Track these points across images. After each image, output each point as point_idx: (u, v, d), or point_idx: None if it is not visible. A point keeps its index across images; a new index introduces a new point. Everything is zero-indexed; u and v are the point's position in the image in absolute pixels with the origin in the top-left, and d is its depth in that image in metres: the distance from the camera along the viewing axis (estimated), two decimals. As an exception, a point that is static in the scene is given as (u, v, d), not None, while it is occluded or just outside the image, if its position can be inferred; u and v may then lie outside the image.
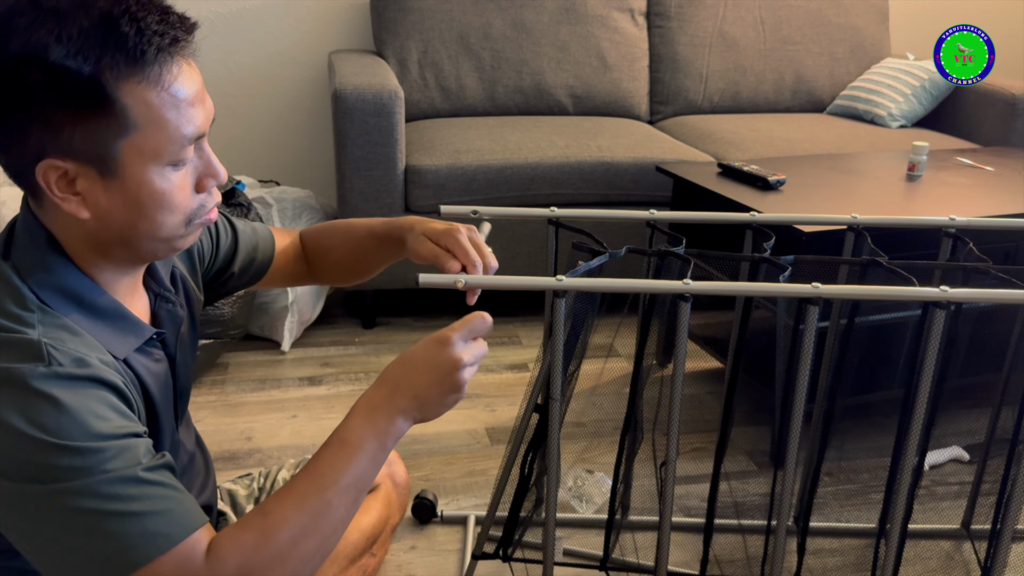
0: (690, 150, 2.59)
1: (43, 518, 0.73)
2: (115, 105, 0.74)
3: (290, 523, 0.80)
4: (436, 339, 0.89)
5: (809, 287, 1.11)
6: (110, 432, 0.75)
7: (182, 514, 0.77)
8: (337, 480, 0.82)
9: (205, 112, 0.81)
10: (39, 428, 0.72)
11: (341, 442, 0.85)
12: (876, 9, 3.21)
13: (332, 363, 2.32)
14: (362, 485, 0.85)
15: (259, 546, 0.78)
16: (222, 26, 2.80)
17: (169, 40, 0.76)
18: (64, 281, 0.81)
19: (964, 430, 1.97)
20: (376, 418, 0.86)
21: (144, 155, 0.77)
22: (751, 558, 1.61)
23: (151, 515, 0.74)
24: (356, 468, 0.84)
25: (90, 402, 0.75)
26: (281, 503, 0.81)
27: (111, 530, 0.73)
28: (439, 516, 1.69)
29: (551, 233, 1.35)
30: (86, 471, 0.72)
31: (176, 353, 0.96)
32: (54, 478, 0.72)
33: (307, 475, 0.83)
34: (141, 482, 0.75)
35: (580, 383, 1.36)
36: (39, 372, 0.73)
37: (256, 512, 0.81)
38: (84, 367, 0.76)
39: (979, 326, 1.58)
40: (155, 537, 0.74)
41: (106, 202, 0.78)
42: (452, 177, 2.37)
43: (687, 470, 1.88)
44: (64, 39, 0.71)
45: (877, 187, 2.14)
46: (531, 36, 2.86)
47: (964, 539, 1.68)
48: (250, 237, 1.15)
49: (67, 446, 0.72)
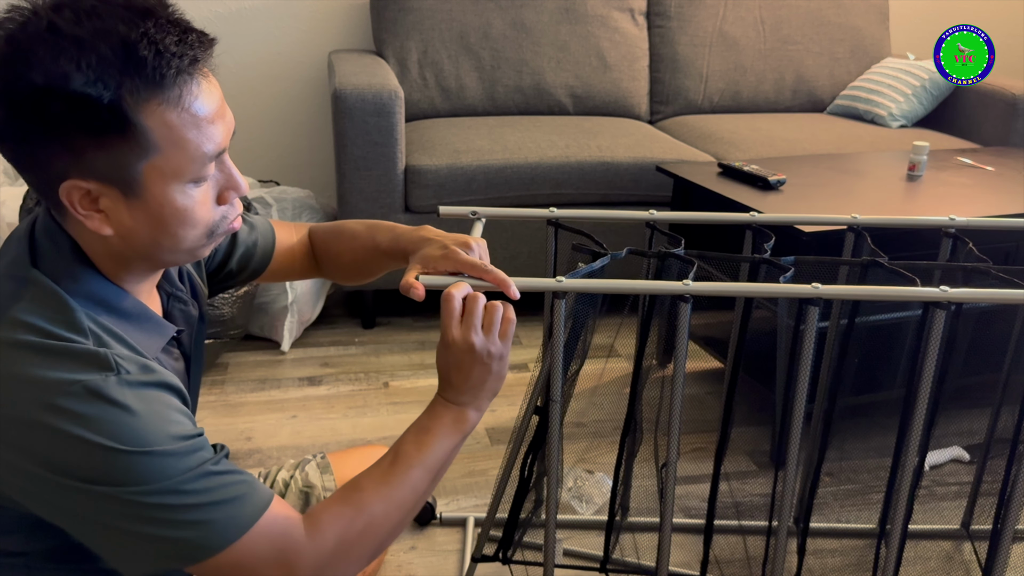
0: (690, 150, 2.59)
1: (122, 513, 0.76)
2: (136, 128, 0.74)
3: (382, 497, 0.89)
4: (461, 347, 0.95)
5: (809, 288, 1.11)
6: (182, 434, 0.78)
7: (256, 492, 0.82)
8: (422, 460, 0.92)
9: (225, 126, 0.81)
10: (113, 438, 0.74)
11: (424, 429, 0.95)
12: (876, 9, 3.21)
13: (332, 363, 2.32)
14: (440, 467, 0.95)
15: (356, 519, 0.87)
16: (222, 26, 2.79)
17: (188, 61, 0.76)
18: (91, 288, 0.82)
19: (964, 430, 1.96)
20: (449, 410, 0.96)
21: (166, 175, 0.77)
22: (751, 559, 1.61)
23: (230, 501, 0.79)
24: (437, 451, 0.94)
25: (160, 407, 0.78)
26: (372, 479, 0.90)
27: (195, 519, 0.77)
28: (438, 518, 1.69)
29: (550, 234, 1.35)
30: (162, 473, 0.76)
31: (191, 352, 0.97)
32: (132, 481, 0.75)
33: (393, 456, 0.92)
34: (214, 475, 0.79)
35: (581, 383, 1.36)
36: (111, 382, 0.75)
37: (350, 488, 0.90)
38: (151, 373, 0.79)
39: (979, 326, 1.58)
40: (239, 518, 0.80)
41: (129, 220, 0.79)
42: (452, 177, 2.37)
43: (687, 470, 1.87)
44: (84, 67, 0.71)
45: (877, 187, 2.14)
46: (531, 36, 2.86)
47: (964, 539, 1.68)
48: (249, 234, 1.15)
49: (141, 451, 0.75)
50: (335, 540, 0.85)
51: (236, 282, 1.16)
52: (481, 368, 0.95)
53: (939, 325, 1.14)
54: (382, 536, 0.89)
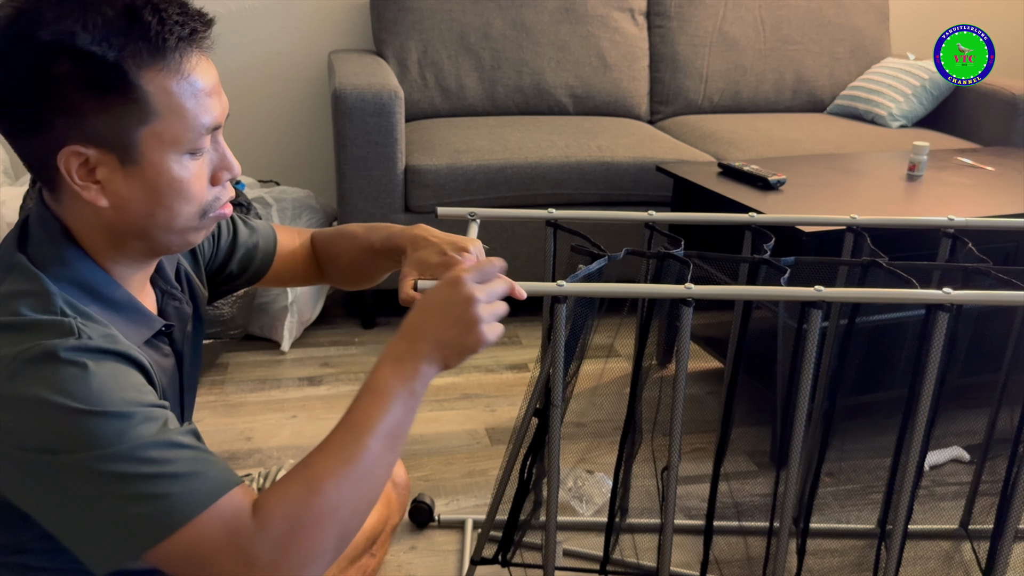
0: (690, 150, 2.59)
1: (78, 487, 0.73)
2: (137, 92, 0.77)
3: (334, 472, 0.80)
4: (448, 280, 0.89)
5: (812, 290, 1.11)
6: (140, 400, 0.76)
7: (219, 473, 0.77)
8: (373, 427, 0.83)
9: (221, 105, 0.84)
10: (69, 396, 0.73)
11: (372, 392, 0.85)
12: (876, 9, 3.20)
13: (332, 363, 2.32)
14: (398, 432, 0.85)
15: (306, 498, 0.78)
16: (222, 26, 2.77)
17: (189, 31, 0.79)
18: (79, 273, 0.82)
19: (964, 430, 1.96)
20: (402, 366, 0.86)
21: (164, 142, 0.79)
22: (751, 559, 1.61)
23: (189, 475, 0.75)
24: (391, 415, 0.84)
25: (118, 373, 0.77)
26: (322, 454, 0.81)
27: (151, 492, 0.73)
28: (436, 520, 1.69)
29: (549, 235, 1.35)
30: (119, 436, 0.73)
31: (183, 349, 0.97)
32: (91, 445, 0.72)
33: (343, 426, 0.83)
34: (175, 445, 0.75)
35: (581, 383, 1.36)
36: (70, 344, 0.75)
37: (299, 466, 0.81)
38: (113, 343, 0.78)
39: (979, 326, 1.58)
40: (196, 495, 0.74)
41: (126, 190, 0.80)
42: (452, 177, 2.37)
43: (687, 471, 1.87)
44: (90, 27, 0.74)
45: (877, 187, 2.14)
46: (531, 36, 2.86)
47: (963, 539, 1.68)
48: (249, 236, 1.15)
49: (100, 411, 0.73)
50: (287, 523, 0.76)
51: (236, 285, 1.16)
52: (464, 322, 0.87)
53: (941, 327, 1.14)
54: (343, 517, 0.79)
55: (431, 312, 0.88)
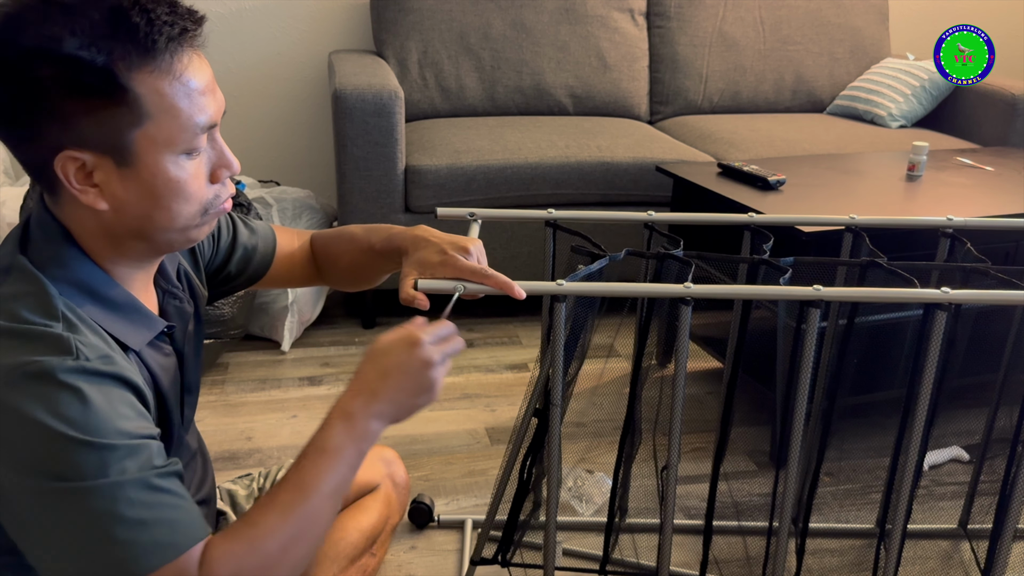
0: (690, 150, 2.59)
1: (54, 517, 0.74)
2: (128, 95, 0.76)
3: (277, 532, 0.82)
4: (406, 340, 0.90)
5: (811, 290, 1.11)
6: (130, 431, 0.76)
7: (188, 524, 0.78)
8: (319, 487, 0.84)
9: (216, 103, 0.83)
10: (63, 421, 0.73)
11: (320, 451, 0.86)
12: (876, 9, 3.21)
13: (332, 363, 2.33)
14: (342, 490, 0.87)
15: (248, 556, 0.80)
16: (222, 26, 2.80)
17: (179, 30, 0.78)
18: (79, 275, 0.82)
19: (963, 430, 1.96)
20: (354, 426, 0.88)
21: (158, 144, 0.78)
22: (751, 559, 1.62)
23: (160, 524, 0.76)
24: (337, 475, 0.86)
25: (113, 399, 0.77)
26: (267, 513, 0.83)
27: (121, 537, 0.74)
28: (436, 520, 1.69)
29: (549, 235, 1.35)
30: (103, 469, 0.74)
31: (184, 348, 0.97)
32: (72, 476, 0.73)
33: (290, 485, 0.84)
34: (153, 488, 0.76)
35: (580, 383, 1.36)
36: (67, 365, 0.75)
37: (243, 523, 0.83)
38: (110, 364, 0.78)
39: (978, 326, 1.58)
40: (161, 547, 0.76)
41: (123, 193, 0.80)
42: (452, 177, 2.37)
43: (686, 470, 1.88)
44: (77, 31, 0.73)
45: (877, 187, 2.14)
46: (531, 36, 2.86)
47: (962, 539, 1.68)
48: (249, 237, 1.15)
49: (88, 441, 0.73)
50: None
51: (235, 286, 1.16)
52: (421, 385, 0.89)
53: (940, 326, 1.14)
54: (283, 572, 0.82)
55: (387, 374, 0.89)
